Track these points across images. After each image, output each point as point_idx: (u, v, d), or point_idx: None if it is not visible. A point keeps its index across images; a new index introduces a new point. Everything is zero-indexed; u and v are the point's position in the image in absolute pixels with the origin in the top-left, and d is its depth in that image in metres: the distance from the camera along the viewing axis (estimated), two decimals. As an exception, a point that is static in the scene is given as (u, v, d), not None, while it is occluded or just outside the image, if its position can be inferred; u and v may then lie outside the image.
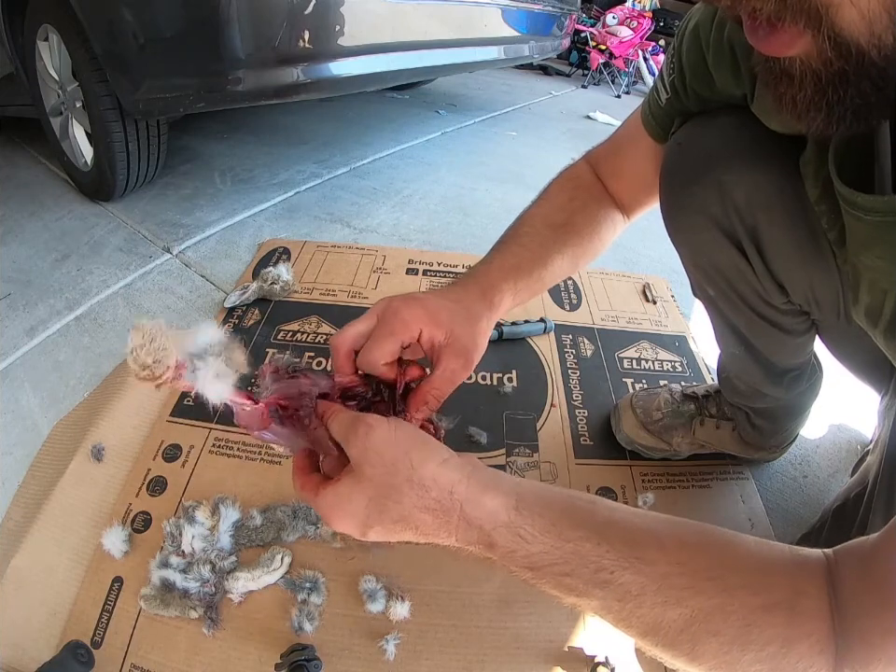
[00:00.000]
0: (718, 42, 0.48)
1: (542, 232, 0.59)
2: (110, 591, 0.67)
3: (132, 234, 1.42)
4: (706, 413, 0.84)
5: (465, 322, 0.49)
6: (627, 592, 0.33)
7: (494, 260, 0.57)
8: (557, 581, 0.35)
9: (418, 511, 0.37)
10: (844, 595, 0.31)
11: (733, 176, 0.53)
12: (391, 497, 0.37)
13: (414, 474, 0.37)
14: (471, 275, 0.57)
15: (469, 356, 0.49)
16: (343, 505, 0.38)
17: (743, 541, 0.35)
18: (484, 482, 0.38)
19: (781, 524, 0.81)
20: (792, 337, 0.66)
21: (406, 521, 0.37)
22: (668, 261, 1.37)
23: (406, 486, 0.37)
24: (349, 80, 1.30)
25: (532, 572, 0.36)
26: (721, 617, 0.32)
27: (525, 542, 0.35)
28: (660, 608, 0.33)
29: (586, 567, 0.34)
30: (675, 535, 0.36)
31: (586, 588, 0.34)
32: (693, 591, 0.32)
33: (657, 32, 4.70)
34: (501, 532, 0.36)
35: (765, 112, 0.48)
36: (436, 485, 0.37)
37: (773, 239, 0.54)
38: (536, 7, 2.09)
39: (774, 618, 0.31)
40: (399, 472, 0.37)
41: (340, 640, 0.64)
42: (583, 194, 0.63)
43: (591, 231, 0.62)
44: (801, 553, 0.34)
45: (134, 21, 1.14)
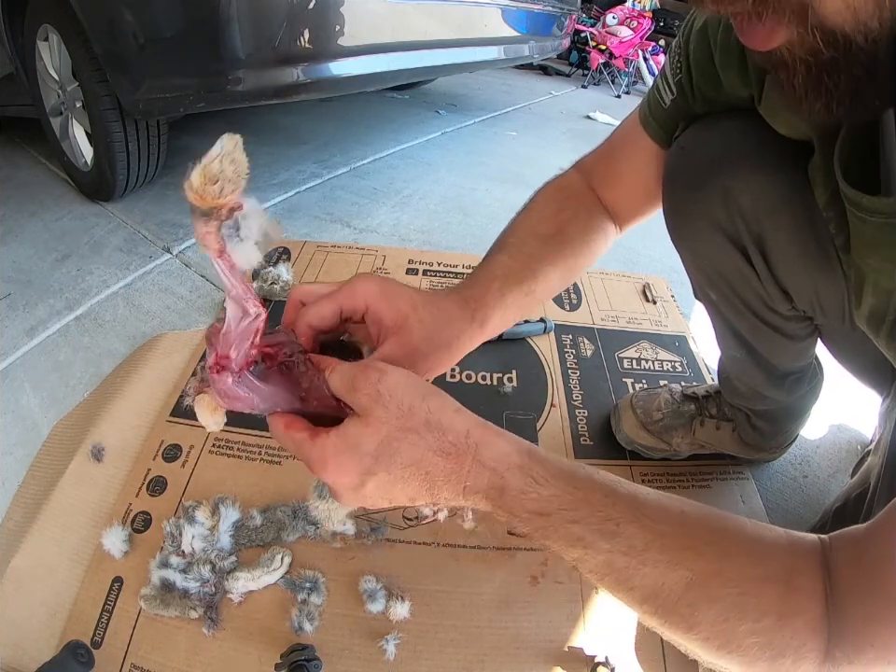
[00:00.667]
0: (726, 42, 0.48)
1: (530, 243, 0.55)
2: (110, 591, 0.67)
3: (132, 234, 1.42)
4: (706, 414, 0.84)
5: (429, 320, 0.45)
6: (632, 546, 0.33)
7: (480, 272, 0.53)
8: (566, 529, 0.35)
9: (433, 453, 0.36)
10: (837, 579, 0.31)
11: (738, 182, 0.52)
12: (407, 438, 0.35)
13: (432, 417, 0.36)
14: (455, 287, 0.52)
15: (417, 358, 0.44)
16: (348, 448, 0.35)
17: (741, 519, 0.36)
18: (496, 430, 0.39)
19: (781, 524, 0.80)
20: (795, 342, 0.66)
21: (418, 465, 0.36)
22: (668, 261, 1.37)
23: (423, 428, 0.36)
24: (349, 80, 1.30)
25: (541, 518, 0.35)
26: (720, 582, 0.32)
27: (537, 484, 0.35)
28: (663, 567, 0.33)
29: (594, 514, 0.34)
30: (675, 504, 0.36)
31: (593, 538, 0.34)
32: (694, 552, 0.33)
33: (657, 32, 4.70)
34: (514, 473, 0.36)
35: (773, 113, 0.48)
36: (452, 428, 0.37)
37: (778, 245, 0.54)
38: (536, 6, 2.09)
39: (770, 590, 0.31)
40: (416, 414, 0.36)
41: (340, 640, 0.64)
42: (573, 204, 0.60)
43: (582, 243, 0.59)
44: (796, 535, 0.35)
45: (134, 21, 1.14)
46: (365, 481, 0.36)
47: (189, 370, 0.97)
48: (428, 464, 0.36)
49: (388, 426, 0.35)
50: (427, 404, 0.37)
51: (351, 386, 0.37)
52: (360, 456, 0.35)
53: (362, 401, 0.36)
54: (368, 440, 0.35)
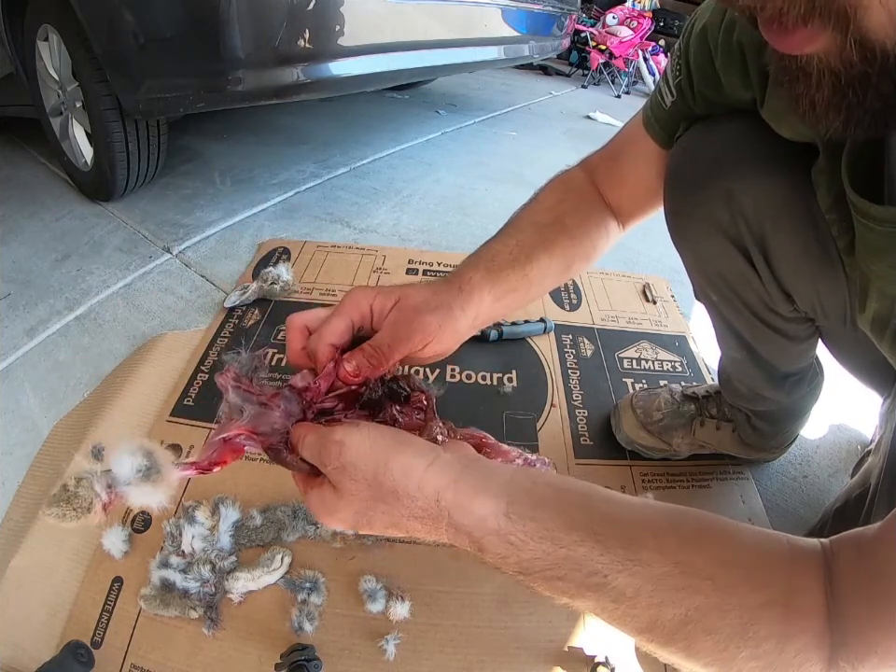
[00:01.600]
0: (727, 44, 0.48)
1: (526, 230, 0.56)
2: (110, 591, 0.67)
3: (132, 234, 1.42)
4: (706, 414, 0.84)
5: (421, 295, 0.47)
6: (621, 594, 0.33)
7: (466, 259, 0.54)
8: (550, 584, 0.35)
9: (406, 519, 0.37)
10: (840, 587, 0.31)
11: (740, 183, 0.52)
12: (378, 508, 0.37)
13: (398, 485, 0.36)
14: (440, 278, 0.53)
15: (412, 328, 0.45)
16: (330, 514, 0.38)
17: (740, 533, 0.35)
18: (473, 485, 0.37)
19: (781, 524, 0.81)
20: (795, 343, 0.66)
21: (397, 527, 0.37)
22: (668, 261, 1.37)
23: (391, 497, 0.36)
24: (349, 80, 1.30)
25: (523, 576, 0.35)
26: (718, 615, 0.31)
27: (516, 549, 0.35)
28: (655, 608, 0.32)
29: (579, 571, 0.33)
30: (673, 530, 0.35)
31: (579, 591, 0.34)
32: (690, 591, 0.32)
33: (657, 32, 4.70)
34: (491, 540, 0.35)
35: (775, 116, 0.48)
36: (421, 494, 0.36)
37: (781, 247, 0.54)
38: (536, 6, 2.09)
39: (771, 615, 0.31)
40: (382, 485, 0.36)
41: (340, 640, 0.64)
42: (575, 197, 0.61)
43: (582, 234, 0.59)
44: (798, 545, 0.34)
45: (134, 21, 1.14)
46: (357, 529, 0.38)
47: (189, 370, 0.97)
48: (406, 526, 0.37)
49: (359, 498, 0.36)
50: (392, 472, 0.36)
51: (319, 461, 0.38)
52: (341, 521, 0.38)
53: (332, 476, 0.38)
54: (343, 509, 0.37)
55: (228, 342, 1.04)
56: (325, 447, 0.38)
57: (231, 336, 1.06)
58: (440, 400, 0.48)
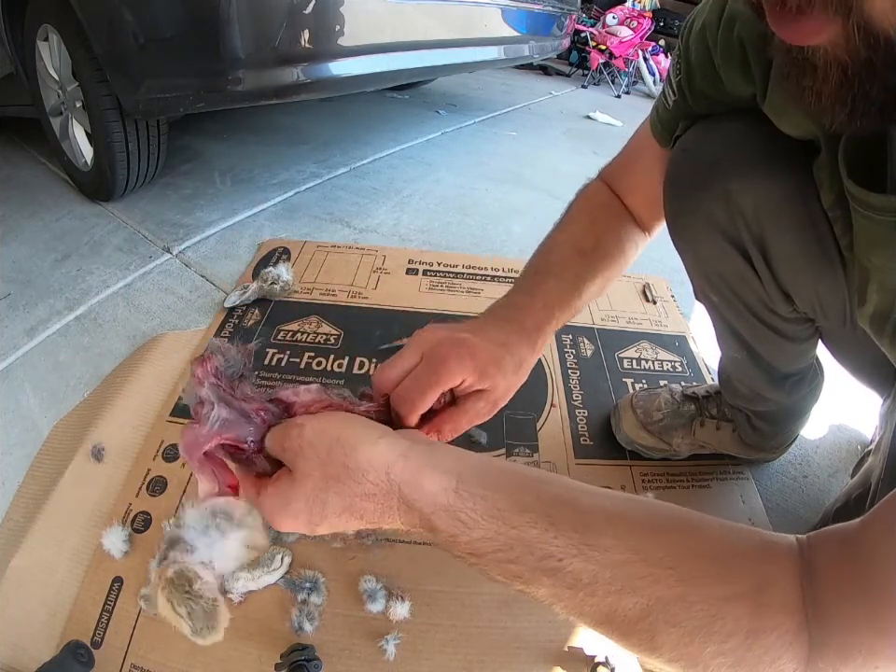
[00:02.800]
0: (726, 41, 0.48)
1: (574, 259, 0.58)
2: (110, 591, 0.67)
3: (132, 234, 1.42)
4: (706, 414, 0.84)
5: (510, 373, 0.49)
6: (577, 580, 0.31)
7: (536, 295, 0.55)
8: (502, 567, 0.34)
9: (359, 499, 0.36)
10: (820, 582, 0.29)
11: (739, 184, 0.52)
12: (330, 488, 0.36)
13: (349, 460, 0.36)
14: (514, 309, 0.54)
15: (499, 403, 0.49)
16: (284, 507, 0.37)
17: (708, 526, 0.34)
18: (423, 459, 0.36)
19: (781, 524, 0.81)
20: (795, 343, 0.65)
21: (350, 511, 0.36)
22: (668, 261, 1.37)
23: (343, 474, 0.35)
24: (349, 80, 1.30)
25: (475, 558, 0.34)
26: (683, 607, 0.30)
27: (467, 527, 0.34)
28: (614, 597, 0.31)
29: (532, 553, 0.32)
30: (633, 518, 0.34)
31: (533, 575, 0.33)
32: (651, 580, 0.31)
33: (657, 32, 4.70)
34: (441, 516, 0.34)
35: (777, 111, 0.47)
36: (371, 467, 0.35)
37: (780, 247, 0.54)
38: (536, 6, 2.09)
39: (737, 609, 0.29)
40: (333, 461, 0.36)
41: (340, 640, 0.64)
42: (604, 214, 0.63)
43: (618, 253, 0.62)
44: (770, 539, 0.33)
45: (134, 21, 1.14)
46: (313, 529, 0.37)
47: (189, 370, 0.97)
48: (359, 509, 0.36)
49: (312, 478, 0.36)
50: (343, 447, 0.36)
51: (280, 447, 0.38)
52: (295, 514, 0.36)
53: (288, 458, 0.37)
54: (296, 494, 0.36)
55: (228, 342, 1.04)
56: (286, 431, 0.38)
57: (231, 336, 1.06)
58: None
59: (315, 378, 0.97)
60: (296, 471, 0.37)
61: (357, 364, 1.01)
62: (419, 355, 0.46)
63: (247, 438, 0.39)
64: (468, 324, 0.51)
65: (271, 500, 0.38)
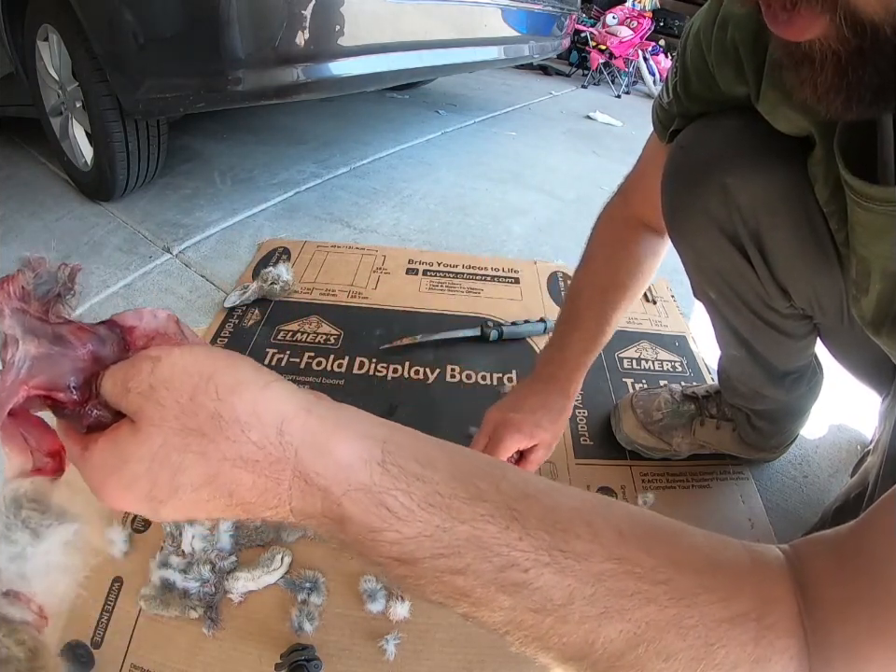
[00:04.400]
0: (720, 41, 0.48)
1: (596, 300, 0.68)
2: (110, 591, 0.67)
3: (132, 234, 1.42)
4: (706, 414, 0.84)
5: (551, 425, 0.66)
6: (548, 599, 0.24)
7: (566, 351, 0.68)
8: (444, 582, 0.25)
9: (230, 465, 0.24)
10: (819, 597, 0.26)
11: (736, 180, 0.52)
12: (189, 447, 0.24)
13: (223, 407, 0.24)
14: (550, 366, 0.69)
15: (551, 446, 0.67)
16: (116, 469, 0.25)
17: (692, 534, 0.28)
18: (333, 418, 0.26)
19: (781, 524, 0.81)
20: (794, 340, 0.66)
21: (214, 484, 0.24)
22: (668, 261, 1.36)
23: (211, 427, 0.24)
24: (349, 80, 1.30)
25: (405, 567, 0.25)
26: (678, 634, 0.24)
27: (396, 519, 0.24)
28: (593, 622, 0.24)
29: (488, 560, 0.24)
30: (608, 519, 0.27)
31: (487, 593, 0.24)
32: (641, 598, 0.24)
33: (657, 32, 4.70)
34: (358, 500, 0.24)
35: (771, 109, 0.48)
36: (258, 420, 0.25)
37: (777, 243, 0.54)
38: (536, 6, 2.09)
39: (742, 633, 0.24)
40: (200, 407, 0.24)
41: (340, 640, 0.64)
42: (621, 239, 0.69)
43: (638, 274, 0.69)
44: (756, 550, 0.28)
45: (134, 21, 1.14)
46: (156, 509, 0.25)
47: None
48: (228, 481, 0.24)
49: (163, 430, 0.24)
50: (217, 388, 0.25)
51: (123, 388, 0.26)
52: (130, 481, 0.25)
53: (133, 404, 0.25)
54: (137, 453, 0.24)
55: (227, 342, 1.04)
56: (133, 365, 0.26)
57: (231, 336, 1.06)
58: (441, 400, 0.48)
59: (314, 378, 0.97)
60: (141, 421, 0.25)
61: (358, 364, 1.01)
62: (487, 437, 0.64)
63: (68, 379, 0.27)
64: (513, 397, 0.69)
65: (100, 458, 0.26)
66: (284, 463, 0.24)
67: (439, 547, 0.24)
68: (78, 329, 0.28)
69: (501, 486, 0.26)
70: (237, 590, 0.66)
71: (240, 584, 0.66)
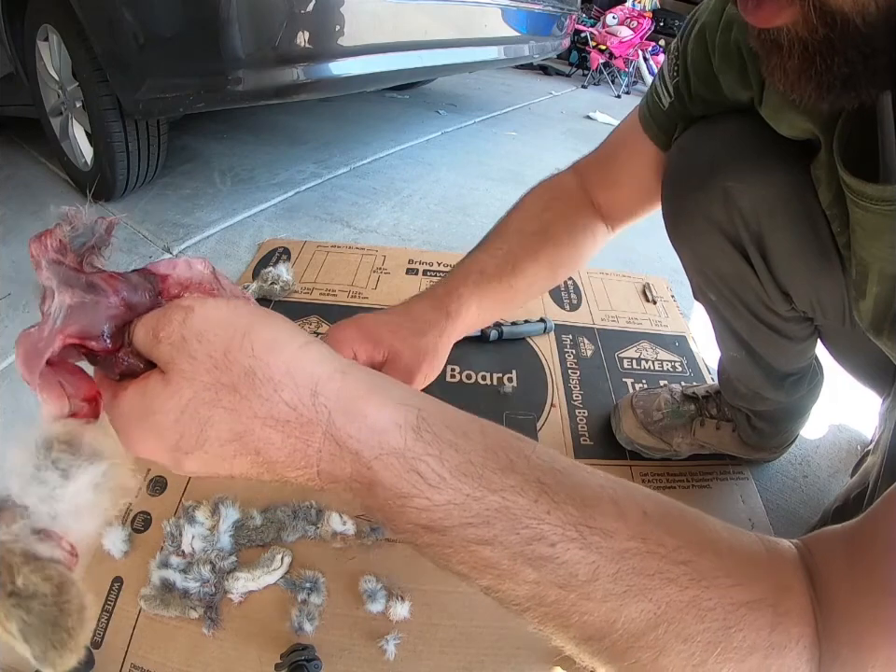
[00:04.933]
0: (724, 45, 0.48)
1: (512, 239, 0.57)
2: (110, 591, 0.67)
3: (132, 234, 1.42)
4: (706, 414, 0.84)
5: (409, 336, 0.46)
6: (573, 575, 0.24)
7: (455, 270, 0.55)
8: (471, 552, 0.25)
9: (261, 423, 0.24)
10: (828, 589, 0.26)
11: (738, 183, 0.52)
12: (220, 401, 0.24)
13: (258, 364, 0.25)
14: (429, 288, 0.54)
15: (413, 373, 0.45)
16: (144, 418, 0.25)
17: (710, 521, 0.29)
18: (367, 383, 0.26)
19: (781, 524, 0.81)
20: (794, 343, 0.66)
21: (242, 440, 0.25)
22: (668, 261, 1.37)
23: (244, 384, 0.24)
24: (349, 80, 1.30)
25: (433, 535, 0.25)
26: (696, 616, 0.24)
27: (427, 486, 0.24)
28: (616, 601, 0.24)
29: (517, 532, 0.24)
30: (633, 499, 0.27)
31: (513, 566, 0.24)
32: (662, 578, 0.24)
33: (657, 32, 4.70)
34: (390, 464, 0.24)
35: (774, 114, 0.48)
36: (291, 380, 0.25)
37: (778, 246, 0.54)
38: (536, 6, 2.09)
39: (758, 619, 0.24)
40: (234, 363, 0.25)
41: (340, 640, 0.64)
42: (560, 204, 0.61)
43: (568, 241, 0.60)
44: (771, 541, 0.29)
45: (134, 21, 1.14)
46: (179, 460, 0.25)
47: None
48: (256, 439, 0.25)
49: (194, 384, 0.25)
50: (251, 342, 0.25)
51: (154, 337, 0.26)
52: (160, 430, 0.25)
53: (164, 354, 0.25)
54: (167, 405, 0.25)
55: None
56: (165, 314, 0.26)
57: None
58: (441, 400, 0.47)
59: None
60: (171, 372, 0.25)
61: (357, 364, 1.01)
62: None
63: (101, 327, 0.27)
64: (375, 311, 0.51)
65: (128, 405, 0.26)
66: (315, 425, 0.25)
67: (468, 516, 0.24)
68: (111, 277, 0.28)
69: (532, 459, 0.26)
70: (237, 590, 0.66)
71: (240, 584, 0.66)
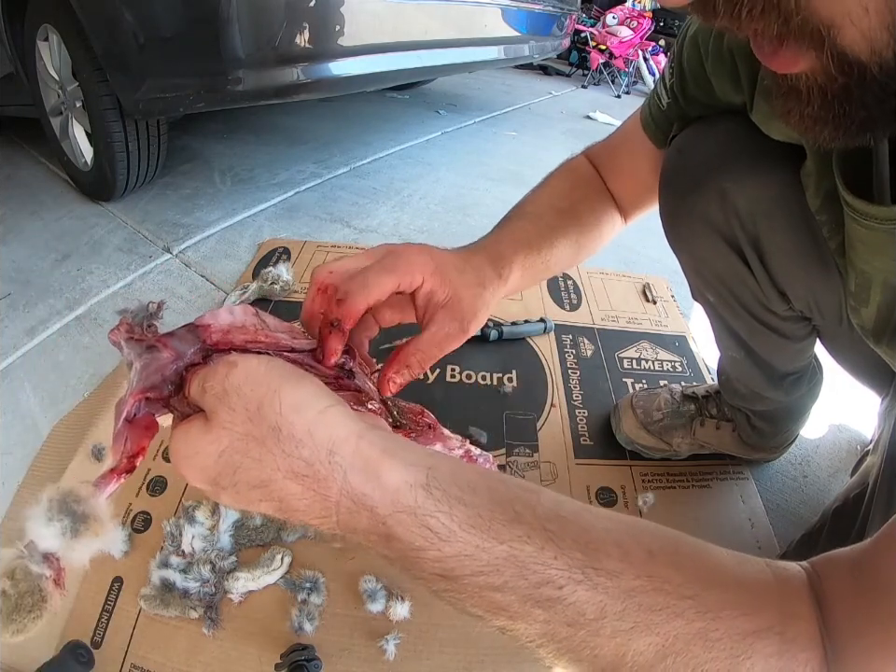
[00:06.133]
0: (717, 50, 0.48)
1: (548, 214, 0.56)
2: (110, 591, 0.67)
3: (132, 234, 1.42)
4: (706, 414, 0.84)
5: (472, 285, 0.45)
6: (580, 614, 0.26)
7: (503, 232, 0.53)
8: (483, 597, 0.27)
9: (282, 475, 0.28)
10: (835, 614, 0.26)
11: (734, 183, 0.52)
12: (249, 452, 0.28)
13: (283, 421, 0.28)
14: (480, 244, 0.51)
15: (467, 323, 0.43)
16: (191, 456, 0.30)
17: (717, 552, 0.30)
18: (381, 446, 0.29)
19: (781, 524, 0.81)
20: (793, 342, 0.66)
21: (267, 488, 0.28)
22: (668, 261, 1.37)
23: (270, 437, 0.28)
24: (349, 80, 1.30)
25: (446, 582, 0.27)
26: (704, 647, 0.25)
27: (439, 539, 0.26)
28: (624, 636, 0.26)
29: (524, 578, 0.26)
30: (638, 539, 0.29)
31: (523, 608, 0.26)
32: (669, 613, 0.26)
33: (657, 32, 4.70)
34: (403, 521, 0.27)
35: (764, 120, 0.48)
36: (311, 440, 0.28)
37: (775, 246, 0.54)
38: (536, 6, 2.09)
39: (766, 646, 0.25)
40: (264, 419, 0.28)
41: (340, 640, 0.64)
42: (584, 186, 0.62)
43: (594, 222, 0.60)
44: (780, 567, 0.29)
45: (134, 21, 1.14)
46: (217, 493, 0.30)
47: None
48: (278, 489, 0.28)
49: (231, 434, 0.28)
50: (280, 401, 0.28)
51: (201, 388, 0.31)
52: (202, 467, 0.29)
53: (209, 403, 0.30)
54: (207, 449, 0.29)
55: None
56: (213, 369, 0.31)
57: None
58: (441, 400, 0.47)
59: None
60: (213, 420, 0.29)
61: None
62: (370, 258, 0.42)
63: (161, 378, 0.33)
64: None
65: (175, 444, 0.31)
66: (331, 481, 0.28)
67: (478, 565, 0.26)
68: (162, 336, 0.34)
69: (537, 510, 0.28)
70: (237, 590, 0.66)
71: (240, 584, 0.66)
